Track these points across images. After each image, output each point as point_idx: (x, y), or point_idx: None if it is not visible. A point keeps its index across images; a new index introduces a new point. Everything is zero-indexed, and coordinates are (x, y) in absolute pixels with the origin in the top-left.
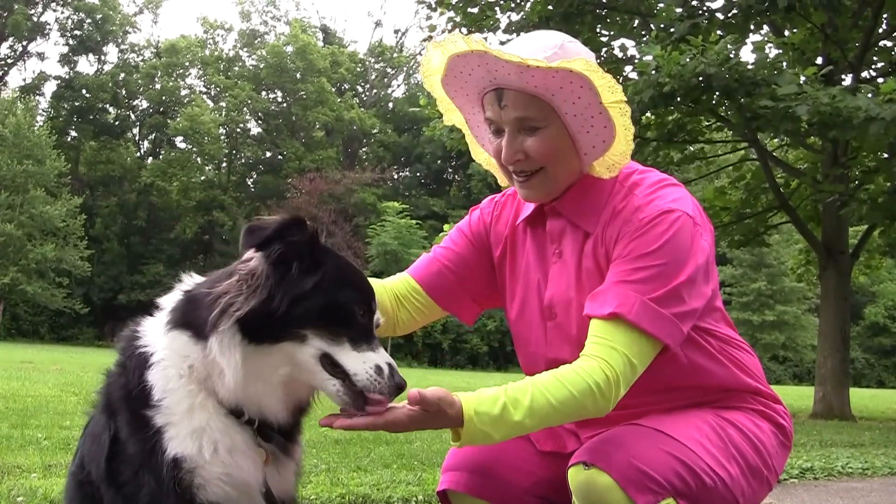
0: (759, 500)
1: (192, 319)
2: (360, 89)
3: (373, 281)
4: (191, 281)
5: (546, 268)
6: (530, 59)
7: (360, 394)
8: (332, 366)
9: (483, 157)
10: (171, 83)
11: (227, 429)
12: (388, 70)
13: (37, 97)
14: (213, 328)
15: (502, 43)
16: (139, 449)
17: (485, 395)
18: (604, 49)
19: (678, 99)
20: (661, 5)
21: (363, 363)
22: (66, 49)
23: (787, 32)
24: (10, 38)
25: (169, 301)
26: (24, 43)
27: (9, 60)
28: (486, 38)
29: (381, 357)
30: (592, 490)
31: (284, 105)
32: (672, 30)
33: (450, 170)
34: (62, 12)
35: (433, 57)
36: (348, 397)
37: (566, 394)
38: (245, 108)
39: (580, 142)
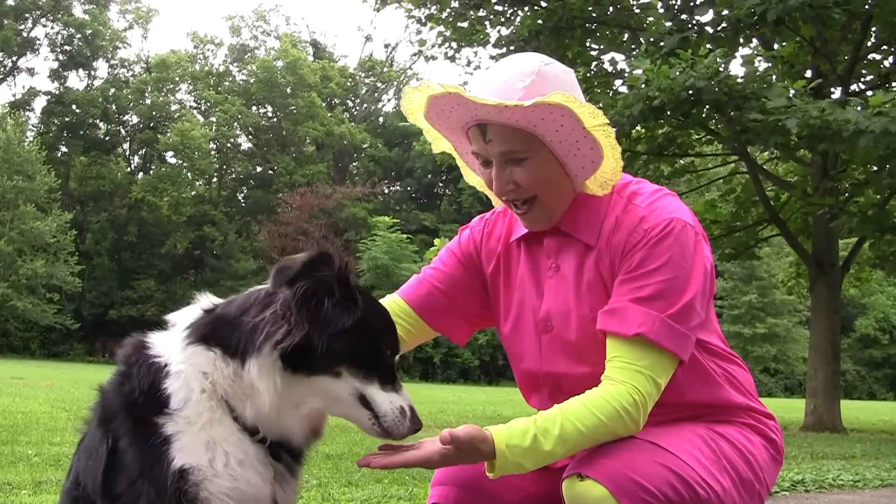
0: None
1: (220, 338)
2: (351, 104)
3: None
4: (208, 300)
5: (541, 283)
6: (507, 101)
7: (387, 431)
8: (365, 403)
9: (475, 180)
10: (161, 98)
11: (241, 443)
12: (379, 84)
13: (27, 112)
14: (257, 352)
15: (493, 58)
16: (141, 458)
17: (515, 428)
18: (594, 63)
19: (668, 112)
20: (651, 19)
21: (390, 403)
22: (55, 64)
23: (776, 46)
24: (0, 54)
25: (184, 317)
26: (14, 58)
27: None
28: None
29: (405, 399)
30: (587, 501)
31: (275, 120)
32: (661, 43)
33: (440, 184)
34: (52, 28)
35: (413, 98)
36: (381, 433)
37: (595, 420)
38: (235, 123)
39: (569, 165)
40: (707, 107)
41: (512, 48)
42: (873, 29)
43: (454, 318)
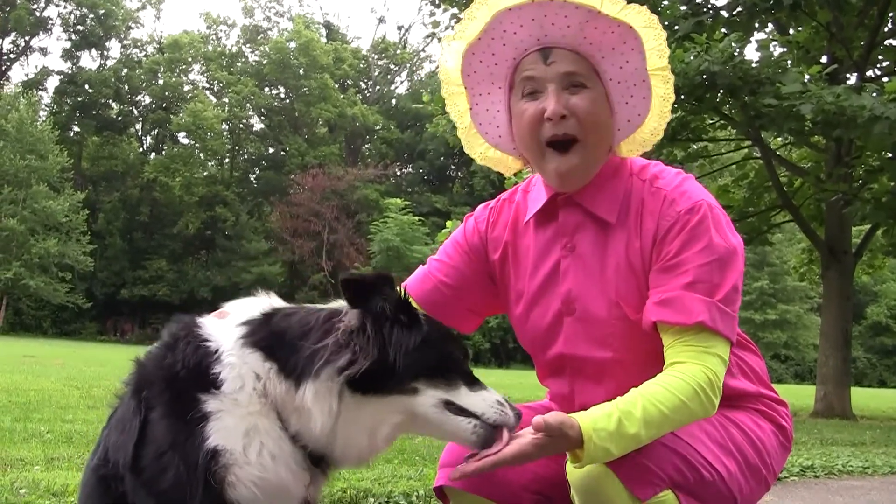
0: (757, 499)
1: (277, 356)
2: (363, 85)
3: None
4: (269, 302)
5: (556, 264)
6: (604, 5)
7: (493, 429)
8: (458, 410)
9: (478, 150)
10: (173, 79)
11: (280, 440)
12: (392, 66)
13: (39, 92)
14: (314, 377)
15: None
16: (173, 431)
17: (598, 413)
18: None
19: (682, 97)
20: (666, 3)
21: (484, 401)
22: (68, 44)
23: (791, 31)
24: (13, 34)
25: (241, 310)
26: (27, 38)
27: (11, 55)
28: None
29: (495, 393)
30: (591, 482)
31: (287, 101)
32: (676, 27)
33: (452, 166)
34: (65, 7)
35: (478, 13)
36: (484, 434)
37: (676, 401)
38: (248, 104)
39: (618, 113)
40: (721, 91)
41: None
42: (890, 14)
43: (461, 311)
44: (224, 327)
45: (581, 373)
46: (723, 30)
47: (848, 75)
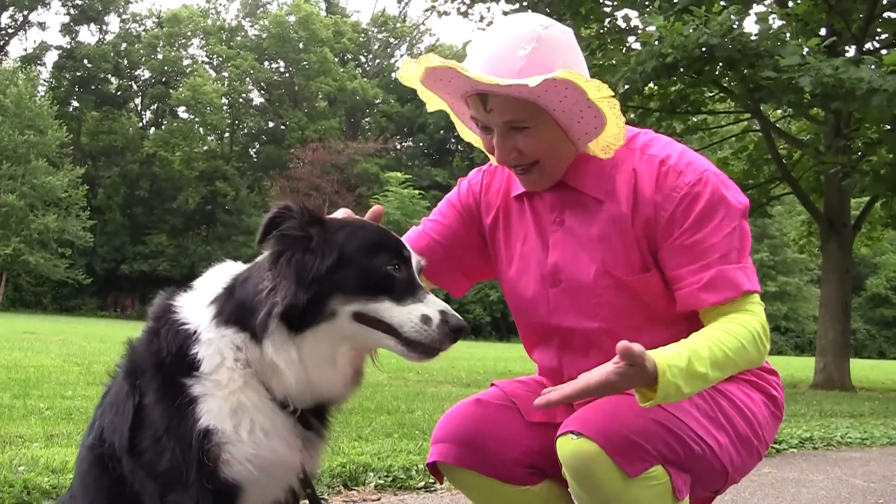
0: (749, 469)
1: (246, 324)
2: (363, 59)
3: None
4: (227, 272)
5: (546, 236)
6: (510, 80)
7: (417, 344)
8: (375, 323)
9: (472, 137)
10: (173, 53)
11: (270, 413)
12: (391, 40)
13: (38, 67)
14: (264, 330)
15: (505, 13)
16: (167, 415)
17: (669, 351)
18: (607, 19)
19: (681, 70)
20: None
21: (408, 314)
22: (67, 18)
23: (790, 3)
24: (11, 8)
25: (208, 288)
26: (25, 13)
27: (10, 30)
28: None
29: (430, 306)
30: (581, 459)
31: (287, 75)
32: (675, 0)
33: (453, 140)
34: None
35: (410, 68)
36: (405, 350)
37: (737, 344)
38: (247, 78)
39: (572, 131)
40: (720, 64)
41: (525, 4)
42: None
43: (452, 271)
44: (198, 307)
45: (569, 343)
46: (721, 2)
47: (847, 48)
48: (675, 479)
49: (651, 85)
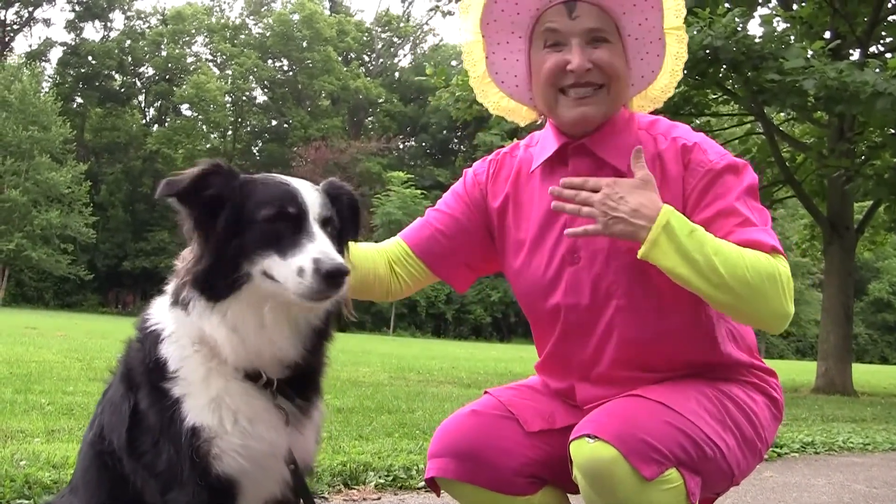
0: (751, 470)
1: (181, 298)
2: (367, 58)
3: (366, 245)
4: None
5: (561, 214)
6: None
7: (301, 296)
8: (275, 282)
9: (492, 99)
10: (177, 50)
11: (246, 395)
12: (395, 39)
13: (42, 63)
14: (189, 301)
15: None
16: (159, 419)
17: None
18: None
19: (685, 71)
20: None
21: (287, 268)
22: (72, 15)
23: (795, 6)
24: (17, 4)
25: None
26: (31, 9)
27: (15, 26)
28: None
29: (306, 254)
30: (598, 463)
31: (290, 73)
32: None
33: (455, 140)
34: None
35: None
36: (296, 300)
37: (757, 265)
38: (251, 77)
39: (633, 69)
40: (724, 66)
41: None
42: None
43: (456, 263)
44: (164, 307)
45: (582, 326)
46: (726, 5)
47: (851, 51)
48: (688, 481)
49: None
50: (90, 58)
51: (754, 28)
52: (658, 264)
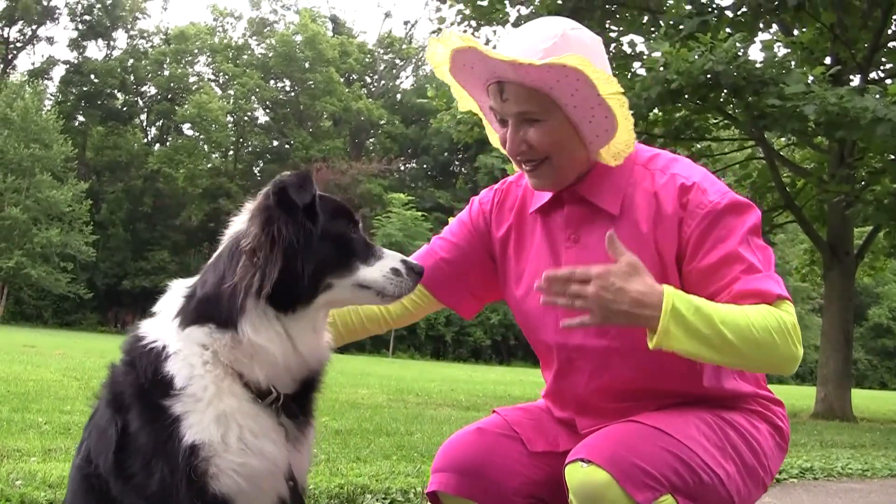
0: (754, 500)
1: (210, 315)
2: (369, 80)
3: None
4: (182, 286)
5: (558, 253)
6: (521, 58)
7: (393, 296)
8: (364, 287)
9: (497, 138)
10: (179, 70)
11: (253, 412)
12: (397, 61)
13: (45, 81)
14: (242, 312)
15: None
16: (152, 439)
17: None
18: (612, 45)
19: (686, 96)
20: (671, 2)
21: (380, 272)
22: (75, 34)
23: (796, 31)
24: (20, 22)
25: (168, 305)
26: (34, 27)
27: (18, 44)
28: (494, 32)
29: (391, 258)
30: (590, 487)
31: (292, 94)
32: (681, 27)
33: (456, 162)
34: None
35: (436, 50)
36: (381, 300)
37: (764, 324)
38: (253, 97)
39: (584, 131)
40: (725, 91)
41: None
42: (894, 17)
43: (461, 291)
44: (164, 326)
45: (572, 364)
46: (727, 30)
47: (851, 77)
48: None
49: (655, 111)
50: (93, 76)
51: (755, 53)
52: (671, 349)
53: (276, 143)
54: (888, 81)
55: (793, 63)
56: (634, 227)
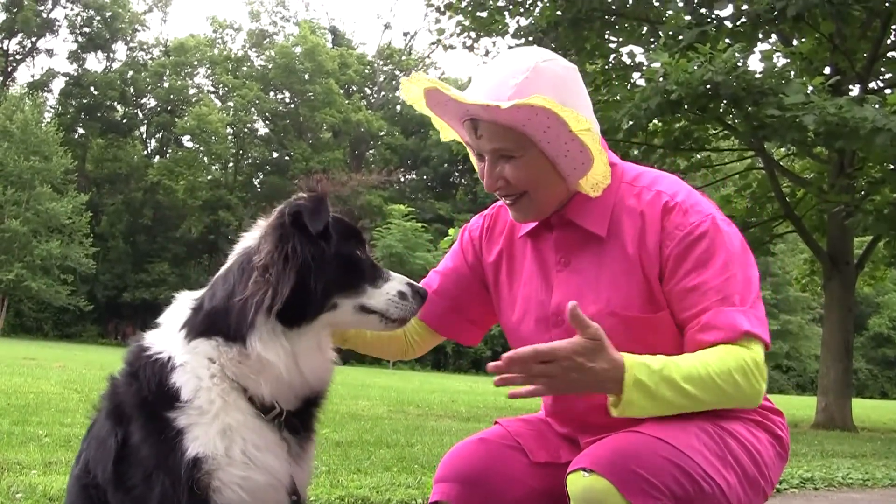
0: None
1: (218, 328)
2: (369, 91)
3: None
4: (190, 298)
5: (549, 277)
6: (487, 101)
7: (398, 321)
8: (367, 310)
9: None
10: (179, 82)
11: (257, 427)
12: (397, 73)
13: (45, 93)
14: (252, 327)
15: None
16: (154, 450)
17: (641, 355)
18: (612, 55)
19: (685, 106)
20: (670, 13)
21: (387, 296)
22: (74, 46)
23: (795, 42)
24: (20, 34)
25: (174, 317)
26: (34, 39)
27: (18, 56)
28: (493, 43)
29: (397, 282)
30: (592, 496)
31: (292, 106)
32: (680, 37)
33: (456, 173)
34: (72, 9)
35: (410, 88)
36: (386, 325)
37: (724, 369)
38: (253, 109)
39: (560, 165)
40: (724, 101)
41: (530, 39)
42: (893, 27)
43: (459, 322)
44: (169, 337)
45: None
46: (726, 40)
47: (850, 87)
48: None
49: (655, 121)
50: (92, 88)
51: (755, 63)
52: (627, 416)
53: (275, 154)
54: (887, 91)
55: (792, 73)
56: (622, 250)
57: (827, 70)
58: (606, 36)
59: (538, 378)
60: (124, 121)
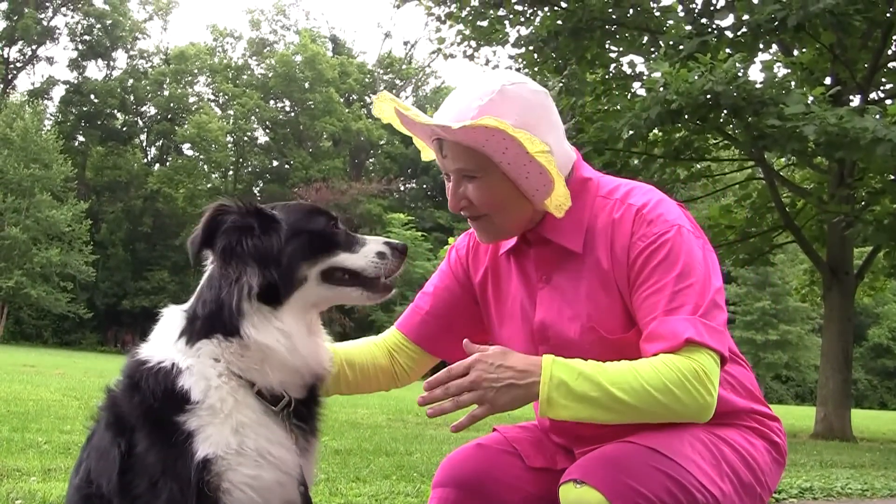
0: None
1: (215, 328)
2: (369, 100)
3: (366, 339)
4: (179, 309)
5: (533, 294)
6: (442, 122)
7: (376, 282)
8: (347, 275)
9: None
10: (179, 90)
11: (268, 423)
12: (397, 82)
13: (45, 101)
14: (241, 314)
15: (511, 57)
16: (162, 457)
17: (566, 359)
18: (612, 65)
19: (685, 116)
20: (671, 22)
21: (364, 257)
22: (75, 54)
23: (795, 52)
24: (20, 42)
25: (166, 329)
26: (34, 47)
27: (18, 64)
28: (494, 52)
29: (375, 243)
30: None
31: (292, 114)
32: (681, 47)
33: None
34: (72, 17)
35: (383, 106)
36: (369, 294)
37: (656, 377)
38: (253, 117)
39: (523, 186)
40: (725, 111)
41: (531, 48)
42: (894, 37)
43: (452, 341)
44: (167, 347)
45: None
46: (727, 50)
47: (851, 97)
48: None
49: (655, 131)
50: (92, 96)
51: (755, 74)
52: (559, 418)
53: (275, 163)
54: (888, 102)
55: (793, 83)
56: (598, 265)
57: (827, 80)
58: (607, 45)
59: (464, 395)
60: (124, 129)
